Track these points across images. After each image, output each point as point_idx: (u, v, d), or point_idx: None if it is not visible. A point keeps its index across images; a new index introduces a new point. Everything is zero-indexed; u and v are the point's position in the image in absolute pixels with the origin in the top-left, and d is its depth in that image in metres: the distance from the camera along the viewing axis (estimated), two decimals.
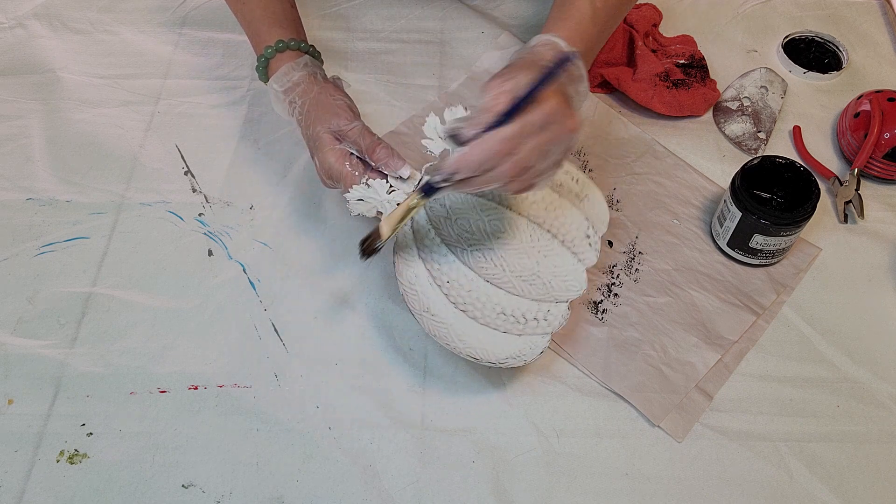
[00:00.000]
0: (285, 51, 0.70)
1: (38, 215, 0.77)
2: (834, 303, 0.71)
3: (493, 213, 0.66)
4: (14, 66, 0.90)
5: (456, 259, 0.65)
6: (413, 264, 0.65)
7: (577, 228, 0.66)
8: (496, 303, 0.63)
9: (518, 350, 0.61)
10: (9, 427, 0.63)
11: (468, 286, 0.64)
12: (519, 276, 0.64)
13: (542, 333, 0.62)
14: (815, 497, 0.61)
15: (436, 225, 0.66)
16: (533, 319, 0.63)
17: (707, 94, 0.85)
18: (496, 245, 0.65)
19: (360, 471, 0.61)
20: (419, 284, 0.64)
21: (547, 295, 0.63)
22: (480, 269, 0.64)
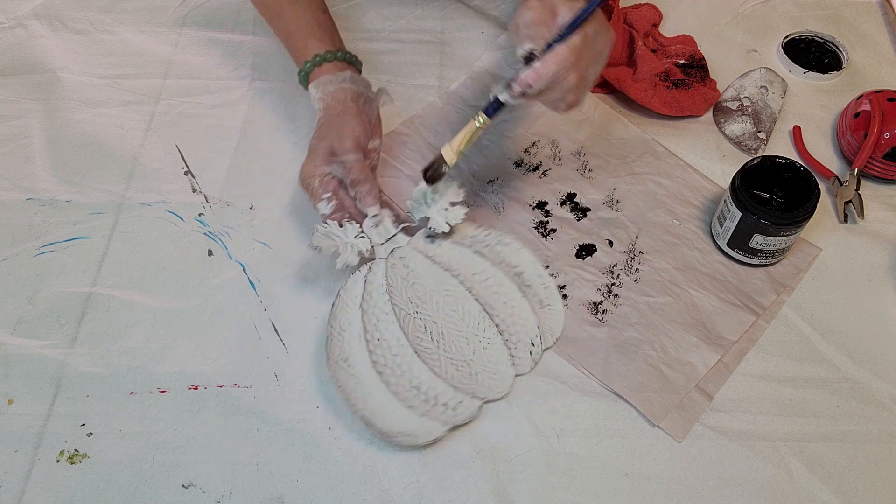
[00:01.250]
0: (322, 64, 0.72)
1: (38, 215, 0.77)
2: (834, 303, 0.71)
3: (451, 289, 0.67)
4: (14, 66, 0.90)
5: (395, 321, 0.65)
6: (351, 311, 0.65)
7: (526, 334, 0.66)
8: (415, 375, 0.63)
9: (413, 429, 0.61)
10: (9, 427, 0.63)
11: (395, 350, 0.64)
12: (450, 358, 0.64)
13: (442, 422, 0.62)
14: (815, 497, 0.61)
15: (390, 283, 0.66)
16: (442, 405, 0.62)
17: (707, 94, 0.85)
18: (441, 321, 0.65)
19: (360, 471, 0.61)
20: (349, 332, 0.65)
21: (468, 387, 0.63)
22: (415, 338, 0.64)
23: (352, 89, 0.72)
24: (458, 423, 0.62)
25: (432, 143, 0.82)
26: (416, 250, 0.68)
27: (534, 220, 0.77)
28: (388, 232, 0.68)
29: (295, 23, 0.74)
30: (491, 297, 0.67)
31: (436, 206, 0.68)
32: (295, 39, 0.74)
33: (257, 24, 0.94)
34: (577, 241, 0.75)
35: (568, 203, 0.78)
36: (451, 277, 0.67)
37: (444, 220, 0.68)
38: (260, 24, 0.94)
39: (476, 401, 0.63)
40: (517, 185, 0.79)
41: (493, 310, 0.67)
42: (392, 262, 0.67)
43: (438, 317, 0.65)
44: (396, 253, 0.68)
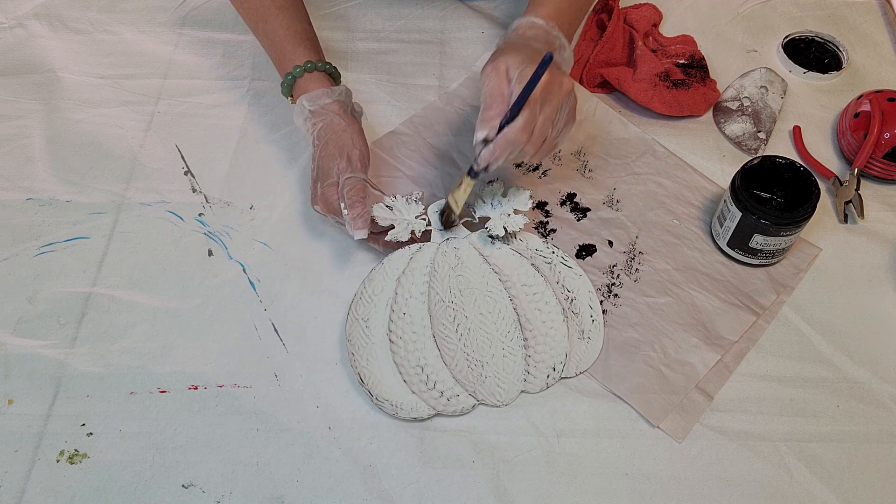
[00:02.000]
0: (313, 71, 0.72)
1: (38, 215, 0.77)
2: (834, 303, 0.71)
3: (493, 292, 0.67)
4: (14, 66, 0.90)
5: (426, 303, 0.66)
6: (389, 281, 0.67)
7: (552, 357, 0.66)
8: (424, 356, 0.64)
9: (400, 402, 0.63)
10: (9, 427, 0.63)
11: (415, 328, 0.65)
12: (467, 354, 0.65)
13: (431, 406, 0.63)
14: (815, 497, 0.61)
15: (436, 268, 0.67)
16: (438, 392, 0.63)
17: (707, 94, 0.85)
18: (473, 317, 0.66)
19: (360, 471, 0.61)
20: (379, 298, 0.66)
21: (471, 385, 0.64)
22: (440, 324, 0.65)
23: (347, 104, 0.73)
24: (445, 413, 0.63)
25: (432, 144, 0.82)
26: (473, 246, 0.69)
27: (534, 221, 0.76)
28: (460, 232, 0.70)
29: (283, 29, 0.74)
30: (531, 311, 0.67)
31: (499, 210, 0.70)
32: (283, 45, 0.74)
33: None
34: (577, 242, 0.75)
35: (568, 203, 0.78)
36: (498, 280, 0.68)
37: (503, 225, 0.69)
38: None
39: (472, 400, 0.64)
40: None
41: (528, 323, 0.67)
42: (445, 248, 0.68)
43: (471, 312, 0.66)
44: (452, 242, 0.69)
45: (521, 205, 0.70)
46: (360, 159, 0.69)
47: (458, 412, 0.63)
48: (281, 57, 0.75)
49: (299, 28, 0.75)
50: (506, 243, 0.70)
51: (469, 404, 0.63)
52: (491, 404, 0.64)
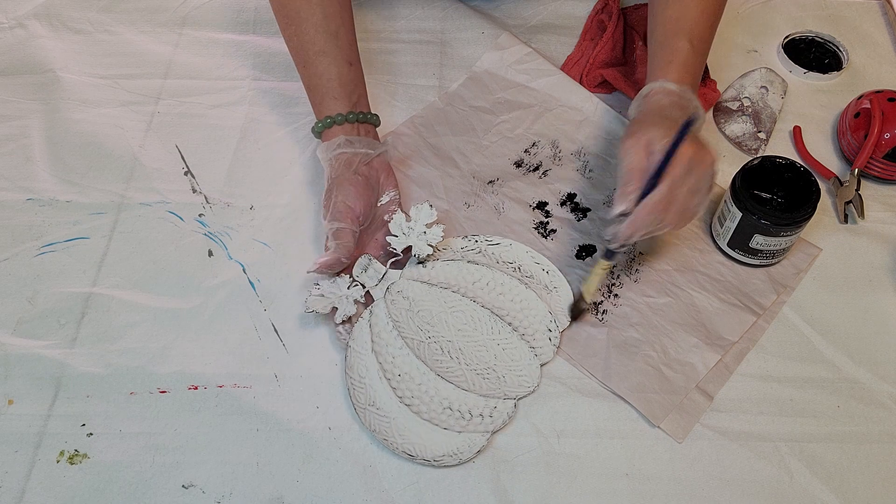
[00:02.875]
0: (332, 126, 0.72)
1: (38, 215, 0.77)
2: (834, 303, 0.71)
3: (455, 305, 0.67)
4: (14, 66, 0.90)
5: (410, 353, 0.65)
6: (365, 357, 0.66)
7: (540, 321, 0.67)
8: (444, 397, 0.64)
9: (456, 448, 0.62)
10: (9, 427, 0.63)
11: (419, 379, 0.64)
12: (474, 370, 0.65)
13: (482, 431, 0.62)
14: (815, 497, 0.61)
15: (395, 318, 0.67)
16: (478, 416, 0.63)
17: (707, 94, 0.85)
18: (456, 337, 0.66)
19: (360, 471, 0.61)
20: (369, 378, 0.65)
21: (497, 390, 0.64)
22: (435, 362, 0.65)
23: (346, 155, 0.71)
24: (497, 428, 0.63)
25: (432, 144, 0.82)
26: (411, 279, 0.69)
27: (534, 221, 0.77)
28: (379, 272, 0.69)
29: (317, 77, 0.73)
30: (496, 299, 0.68)
31: (414, 233, 0.69)
32: (314, 94, 0.74)
33: (257, 24, 0.94)
34: (577, 242, 0.75)
35: (568, 203, 0.78)
36: (452, 294, 0.68)
37: (426, 243, 0.69)
38: (260, 25, 0.94)
39: (509, 401, 0.64)
40: (517, 186, 0.79)
41: (501, 311, 0.67)
42: (391, 297, 0.68)
43: (452, 335, 0.66)
44: (393, 288, 0.68)
45: (428, 217, 0.69)
46: (340, 209, 0.68)
47: (508, 420, 0.63)
48: (313, 107, 0.75)
49: (333, 75, 0.73)
50: (435, 259, 0.70)
51: (510, 406, 0.64)
52: (526, 394, 0.64)
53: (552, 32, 0.94)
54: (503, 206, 0.77)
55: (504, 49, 0.90)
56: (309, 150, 0.82)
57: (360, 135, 0.73)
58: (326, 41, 0.73)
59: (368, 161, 0.72)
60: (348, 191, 0.69)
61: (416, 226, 0.69)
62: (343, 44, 0.74)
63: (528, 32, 0.93)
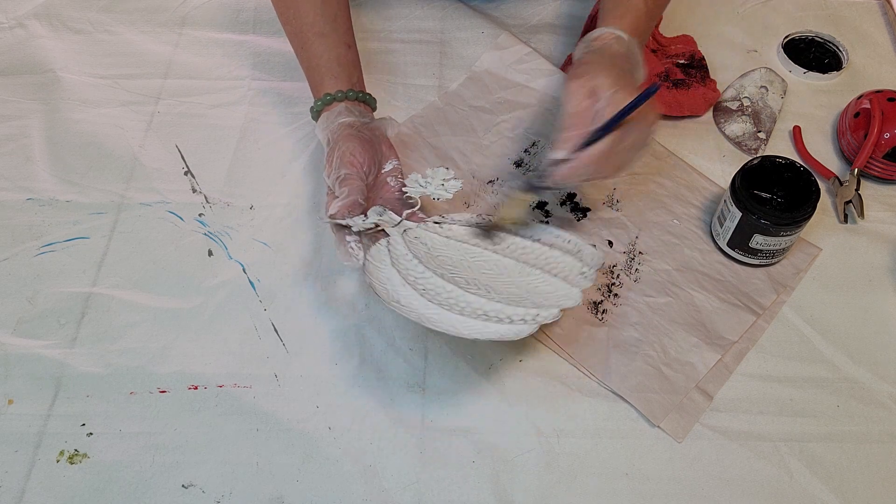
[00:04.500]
0: (332, 103, 0.73)
1: (38, 215, 0.77)
2: (834, 303, 0.72)
3: (478, 255, 0.65)
4: (14, 66, 0.90)
5: (434, 275, 0.61)
6: (385, 271, 0.61)
7: (571, 268, 0.65)
8: (477, 307, 0.59)
9: (506, 331, 0.57)
10: (9, 427, 0.63)
11: (446, 294, 0.60)
12: (507, 298, 0.61)
13: (531, 323, 0.58)
14: (815, 497, 0.61)
15: (417, 255, 0.63)
16: (520, 320, 0.59)
17: (707, 94, 0.85)
18: (481, 277, 0.63)
19: (360, 471, 0.61)
20: (391, 284, 0.61)
21: (535, 305, 0.61)
22: (466, 287, 0.62)
23: (347, 121, 0.71)
24: (546, 321, 0.58)
25: (432, 144, 0.82)
26: (428, 231, 0.67)
27: (534, 221, 0.76)
28: (394, 220, 0.66)
29: (316, 57, 0.74)
30: (521, 255, 0.65)
31: (432, 185, 0.68)
32: (313, 74, 0.75)
33: (257, 24, 0.94)
34: None
35: (568, 203, 0.78)
36: (471, 247, 0.65)
37: (444, 191, 0.68)
38: (260, 24, 0.94)
39: (552, 309, 0.59)
40: (517, 186, 0.79)
41: (529, 261, 0.64)
42: (409, 239, 0.65)
43: (477, 274, 0.62)
44: (410, 233, 0.65)
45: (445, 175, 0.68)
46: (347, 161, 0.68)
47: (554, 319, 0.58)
48: (311, 88, 0.76)
49: (332, 56, 0.74)
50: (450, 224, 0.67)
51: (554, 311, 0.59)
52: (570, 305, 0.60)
53: (552, 32, 0.94)
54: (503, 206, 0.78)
55: (504, 49, 0.90)
56: (309, 151, 0.82)
57: None
58: (325, 23, 0.74)
59: (370, 128, 0.72)
60: (353, 144, 0.69)
61: (433, 180, 0.68)
62: (341, 27, 0.76)
63: (527, 32, 0.94)
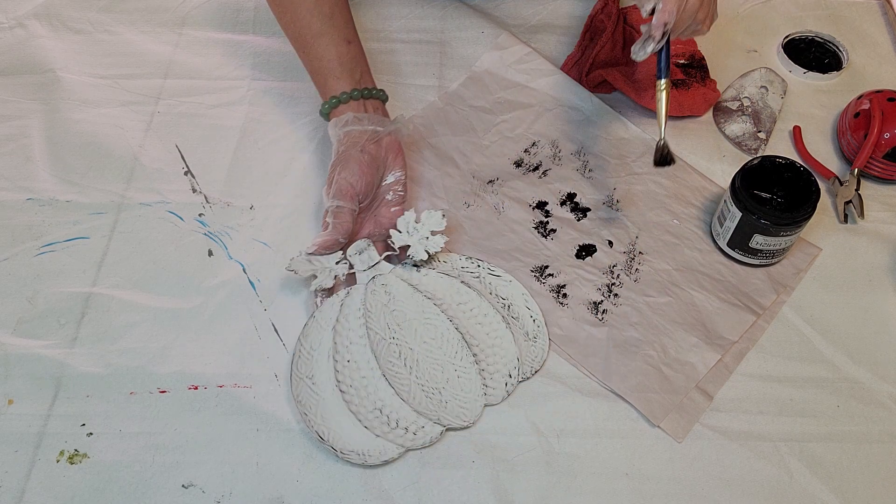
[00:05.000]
0: (338, 105, 0.73)
1: (38, 215, 0.77)
2: (834, 303, 0.71)
3: (431, 318, 0.67)
4: (14, 66, 0.90)
5: (368, 345, 0.65)
6: (323, 332, 0.66)
7: (504, 365, 0.66)
8: (380, 398, 0.63)
9: (366, 449, 0.61)
10: (9, 427, 0.63)
11: (363, 372, 0.64)
12: (421, 385, 0.64)
13: (399, 444, 0.62)
14: (815, 497, 0.61)
15: (368, 308, 0.66)
16: (403, 429, 0.62)
17: (707, 94, 0.85)
18: (417, 347, 0.65)
19: (360, 471, 0.61)
20: (318, 352, 0.65)
21: (434, 413, 0.63)
22: (387, 363, 0.64)
23: (354, 132, 0.71)
24: (415, 447, 0.62)
25: (432, 144, 0.82)
26: (400, 278, 0.69)
27: (534, 220, 0.77)
28: (372, 259, 0.69)
29: (318, 60, 0.75)
30: (473, 327, 0.67)
31: (417, 235, 0.69)
32: (317, 77, 0.75)
33: (257, 24, 0.94)
34: (577, 242, 0.75)
35: (568, 203, 0.78)
36: (433, 306, 0.67)
37: (424, 249, 0.69)
38: (260, 24, 0.94)
39: (439, 427, 0.63)
40: (517, 185, 0.79)
41: (473, 339, 0.66)
42: (373, 287, 0.68)
43: (415, 343, 0.66)
44: (378, 280, 0.68)
45: (436, 225, 0.69)
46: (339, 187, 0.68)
47: (428, 443, 0.62)
48: (318, 90, 0.76)
49: (333, 55, 0.74)
50: (431, 268, 0.70)
51: (436, 432, 0.63)
52: (459, 427, 0.63)
53: (552, 32, 0.94)
54: (503, 206, 0.78)
55: (504, 49, 0.90)
56: (309, 151, 0.82)
57: (367, 111, 0.73)
58: (322, 23, 0.74)
59: (377, 139, 0.72)
60: (352, 169, 0.69)
61: (421, 229, 0.69)
62: (339, 23, 0.75)
63: (527, 32, 0.94)
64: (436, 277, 0.69)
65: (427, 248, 0.69)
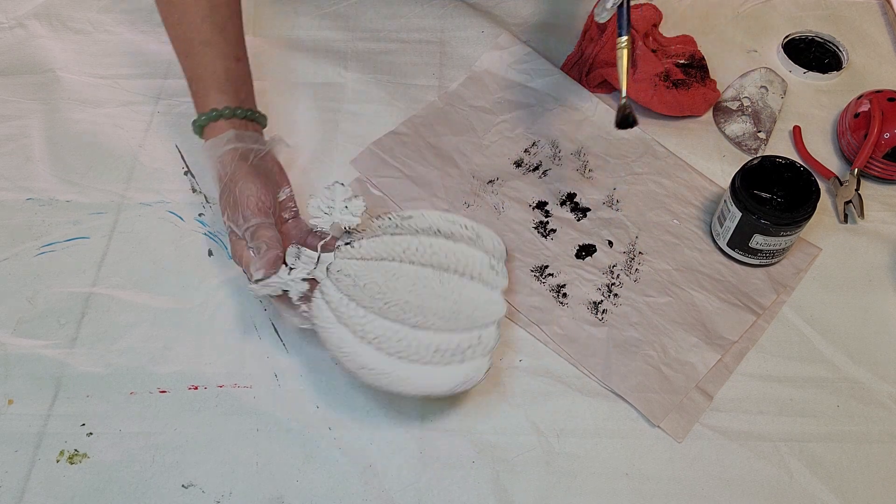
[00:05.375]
0: (218, 119, 0.68)
1: (38, 215, 0.77)
2: (834, 303, 0.72)
3: (397, 272, 0.66)
4: (14, 66, 0.90)
5: (377, 317, 0.64)
6: (335, 330, 0.64)
7: (481, 263, 0.66)
8: (428, 343, 0.62)
9: (464, 376, 0.61)
10: (9, 427, 0.63)
11: (397, 336, 0.63)
12: (441, 317, 0.64)
13: (481, 355, 0.62)
14: (815, 497, 0.61)
15: (348, 293, 0.65)
16: (468, 347, 0.62)
17: (707, 94, 0.85)
18: (411, 297, 0.65)
19: (360, 471, 0.61)
20: (347, 345, 0.63)
21: (473, 324, 0.63)
22: (404, 318, 0.64)
23: (239, 149, 0.67)
24: (491, 348, 0.62)
25: (432, 144, 0.82)
26: (345, 258, 0.67)
27: (534, 220, 0.77)
28: (312, 258, 0.67)
29: (202, 68, 0.69)
30: (431, 258, 0.67)
31: (336, 210, 0.67)
32: (197, 86, 0.70)
33: (257, 24, 0.94)
34: (577, 242, 0.75)
35: (568, 203, 0.78)
36: (389, 263, 0.66)
37: (351, 215, 0.67)
38: (260, 24, 0.94)
39: (490, 327, 0.63)
40: (517, 185, 0.79)
41: (442, 265, 0.66)
42: (335, 277, 0.66)
43: (406, 295, 0.65)
44: (332, 268, 0.67)
45: (344, 193, 0.67)
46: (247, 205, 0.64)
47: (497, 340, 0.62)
48: (195, 99, 0.70)
49: (219, 67, 0.69)
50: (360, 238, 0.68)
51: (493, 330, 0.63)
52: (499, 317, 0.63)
53: (552, 32, 0.94)
54: (503, 206, 0.78)
55: (504, 49, 0.90)
56: (309, 150, 0.82)
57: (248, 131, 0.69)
58: (213, 32, 0.69)
59: (261, 156, 0.68)
60: (254, 183, 0.65)
61: (335, 203, 0.67)
62: (231, 37, 0.70)
63: (527, 32, 0.93)
64: (369, 243, 0.68)
65: (352, 212, 0.67)
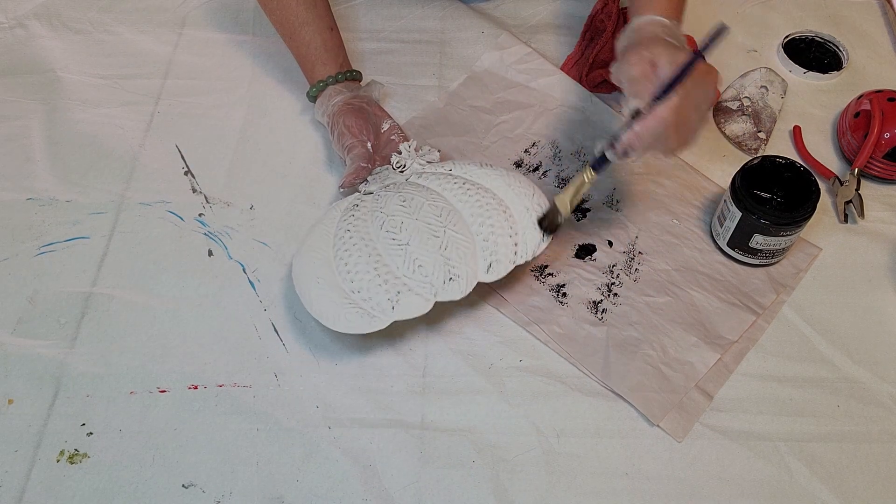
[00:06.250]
0: (325, 88, 0.80)
1: (38, 215, 0.77)
2: (834, 303, 0.72)
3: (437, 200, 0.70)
4: (14, 66, 0.90)
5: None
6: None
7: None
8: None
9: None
10: (9, 427, 0.63)
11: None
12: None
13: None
14: (815, 497, 0.61)
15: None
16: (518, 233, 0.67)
17: None
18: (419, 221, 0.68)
19: (360, 471, 0.61)
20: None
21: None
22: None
23: (342, 99, 0.78)
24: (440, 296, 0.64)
25: (432, 144, 0.82)
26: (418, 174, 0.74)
27: None
28: (425, 155, 0.76)
29: (304, 46, 0.81)
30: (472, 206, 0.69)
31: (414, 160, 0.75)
32: (304, 63, 0.82)
33: (257, 24, 0.94)
34: (577, 242, 0.75)
35: None
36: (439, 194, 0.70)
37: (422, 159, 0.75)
38: (260, 25, 0.94)
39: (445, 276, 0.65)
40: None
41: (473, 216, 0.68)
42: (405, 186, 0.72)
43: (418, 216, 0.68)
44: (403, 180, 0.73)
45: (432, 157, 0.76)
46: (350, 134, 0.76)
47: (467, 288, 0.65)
48: (305, 74, 0.82)
49: (318, 42, 0.80)
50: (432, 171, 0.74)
51: None
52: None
53: (552, 32, 0.94)
54: None
55: (504, 49, 0.90)
56: (309, 150, 0.82)
57: None
58: (307, 11, 0.80)
59: (360, 97, 0.79)
60: (349, 116, 0.76)
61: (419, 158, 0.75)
62: (322, 12, 0.81)
63: (527, 32, 0.94)
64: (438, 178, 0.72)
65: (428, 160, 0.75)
